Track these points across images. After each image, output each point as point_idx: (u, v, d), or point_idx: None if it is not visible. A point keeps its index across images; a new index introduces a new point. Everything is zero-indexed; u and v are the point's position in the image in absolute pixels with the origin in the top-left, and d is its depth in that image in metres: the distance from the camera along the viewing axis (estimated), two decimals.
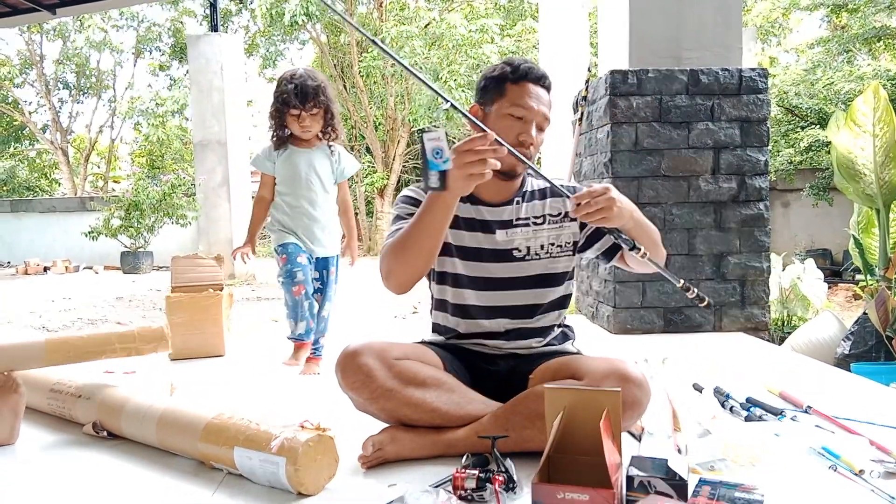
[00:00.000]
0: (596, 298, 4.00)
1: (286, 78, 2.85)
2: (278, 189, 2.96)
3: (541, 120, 1.83)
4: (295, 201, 2.91)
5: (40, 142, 18.29)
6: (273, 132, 2.92)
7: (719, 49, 3.68)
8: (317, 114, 2.85)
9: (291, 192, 2.91)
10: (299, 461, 1.55)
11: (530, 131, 1.80)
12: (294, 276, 2.83)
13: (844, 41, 8.96)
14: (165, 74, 18.59)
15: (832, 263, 8.07)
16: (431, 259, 1.73)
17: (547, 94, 1.86)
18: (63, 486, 1.71)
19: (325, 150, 2.97)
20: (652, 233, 1.83)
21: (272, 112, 2.90)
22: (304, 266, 2.86)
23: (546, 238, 1.90)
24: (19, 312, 6.40)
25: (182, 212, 10.31)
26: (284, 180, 2.93)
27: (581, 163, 4.23)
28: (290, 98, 2.79)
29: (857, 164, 3.87)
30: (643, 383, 1.65)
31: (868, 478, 1.56)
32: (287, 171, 2.92)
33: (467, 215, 1.90)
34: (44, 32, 17.09)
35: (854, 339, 3.45)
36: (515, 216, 1.90)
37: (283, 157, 2.93)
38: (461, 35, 11.31)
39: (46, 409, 2.24)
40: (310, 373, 2.90)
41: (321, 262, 2.98)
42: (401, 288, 1.75)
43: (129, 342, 2.23)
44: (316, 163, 2.93)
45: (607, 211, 1.61)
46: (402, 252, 1.70)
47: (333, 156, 2.98)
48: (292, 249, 2.86)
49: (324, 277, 3.00)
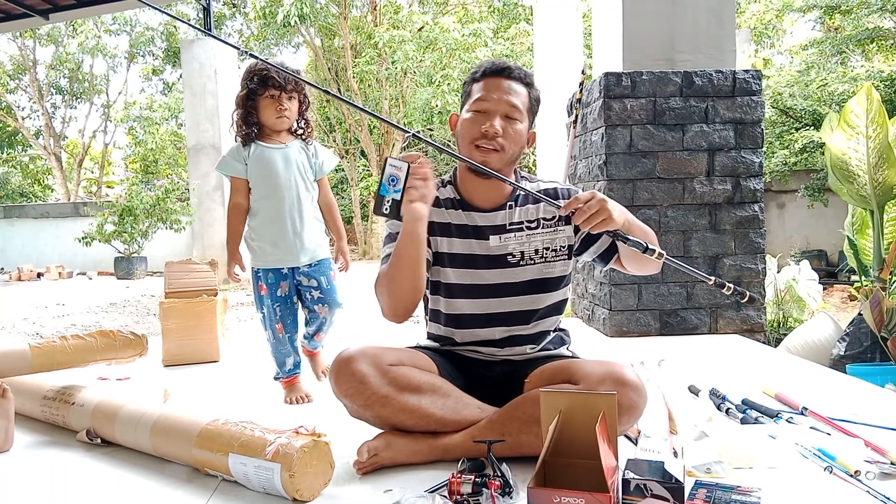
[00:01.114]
0: (592, 301, 4.00)
1: (255, 63, 2.52)
2: (253, 193, 2.56)
3: (507, 109, 1.80)
4: (276, 205, 2.52)
5: (33, 147, 18.24)
6: (240, 124, 2.54)
7: (713, 51, 3.69)
8: (294, 98, 2.52)
9: (270, 194, 2.52)
10: (294, 467, 1.54)
11: (493, 122, 1.78)
12: (274, 312, 2.55)
13: (838, 43, 9.00)
14: (159, 79, 18.60)
15: (827, 264, 8.09)
16: (417, 287, 1.74)
17: (518, 85, 1.83)
18: (57, 493, 1.70)
19: (300, 144, 2.59)
20: (648, 234, 1.81)
21: (241, 98, 2.52)
22: (283, 299, 2.56)
23: (540, 242, 1.88)
24: (13, 319, 6.37)
25: (176, 217, 10.30)
26: (260, 182, 2.53)
27: (576, 165, 4.23)
28: (270, 75, 2.45)
29: (851, 166, 3.88)
30: (640, 387, 1.65)
31: (864, 479, 1.56)
32: (261, 171, 2.52)
33: (459, 222, 1.89)
34: (37, 37, 17.04)
35: (849, 341, 3.46)
36: (509, 221, 1.88)
37: (254, 155, 2.52)
38: (455, 39, 11.32)
39: (40, 417, 2.22)
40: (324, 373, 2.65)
41: (315, 268, 2.58)
42: (398, 318, 1.77)
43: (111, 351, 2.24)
44: (294, 158, 2.54)
45: (604, 213, 1.59)
46: (388, 285, 1.74)
47: (309, 149, 2.61)
48: (272, 280, 2.54)
49: (323, 284, 2.59)
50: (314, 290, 2.58)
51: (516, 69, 1.85)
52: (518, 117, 1.82)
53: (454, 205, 1.90)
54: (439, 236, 1.89)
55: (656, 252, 1.65)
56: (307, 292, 2.59)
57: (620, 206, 1.71)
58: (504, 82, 1.82)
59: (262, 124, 2.54)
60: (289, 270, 2.57)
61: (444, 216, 1.90)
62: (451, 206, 1.90)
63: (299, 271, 2.57)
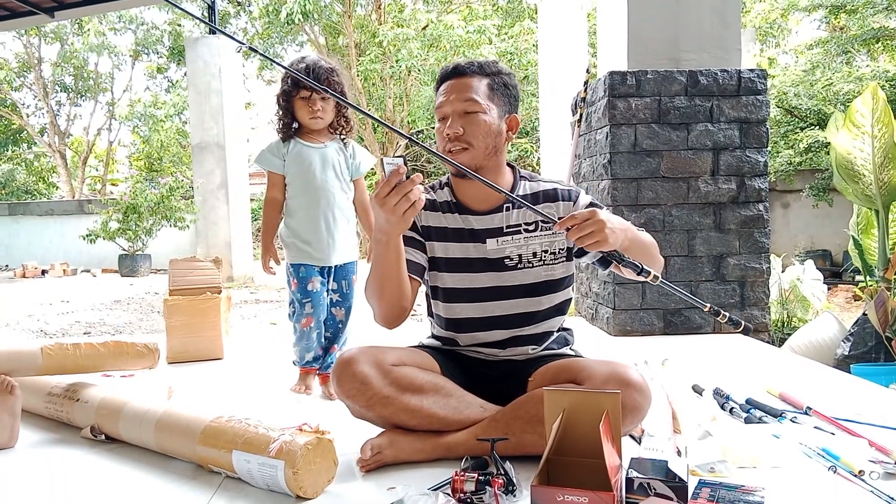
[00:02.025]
0: (595, 300, 4.00)
1: (296, 61, 2.57)
2: (289, 190, 2.60)
3: (462, 106, 1.77)
4: (311, 204, 2.55)
5: (38, 145, 18.29)
6: (279, 121, 2.58)
7: (718, 50, 3.68)
8: (329, 99, 2.52)
9: (305, 193, 2.56)
10: (298, 464, 1.54)
11: (454, 123, 1.76)
12: (303, 307, 2.55)
13: (843, 42, 8.97)
14: (164, 77, 18.61)
15: (832, 264, 8.07)
16: (402, 292, 1.73)
17: (471, 78, 1.80)
18: (61, 490, 1.70)
19: (338, 144, 2.62)
20: (649, 248, 1.79)
21: (279, 97, 2.55)
22: (314, 294, 2.56)
23: (539, 245, 1.86)
24: (17, 316, 6.39)
25: (180, 214, 10.32)
26: (296, 180, 2.57)
27: (580, 164, 4.23)
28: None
29: (856, 165, 3.87)
30: (644, 388, 1.64)
31: (868, 479, 1.56)
32: (298, 169, 2.55)
33: (455, 225, 1.87)
34: (42, 35, 17.09)
35: (854, 341, 3.45)
36: (506, 223, 1.86)
37: (293, 152, 2.56)
38: (459, 37, 11.30)
39: (44, 413, 2.23)
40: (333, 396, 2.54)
41: (340, 271, 2.62)
42: (390, 323, 1.78)
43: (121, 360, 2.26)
44: (332, 159, 2.57)
45: (599, 234, 1.55)
46: (375, 294, 1.74)
47: (347, 150, 2.64)
48: (304, 274, 2.55)
49: (343, 288, 2.63)
50: (334, 293, 2.64)
51: (468, 64, 1.82)
52: (477, 109, 1.77)
53: (450, 208, 1.89)
54: (435, 241, 1.88)
55: (651, 275, 1.63)
56: (328, 293, 2.63)
57: (623, 222, 1.66)
58: (457, 81, 1.80)
59: (301, 124, 2.58)
60: (321, 269, 2.60)
61: (440, 220, 1.88)
62: (447, 209, 1.89)
63: (328, 271, 2.61)
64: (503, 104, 1.83)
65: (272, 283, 8.50)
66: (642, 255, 1.73)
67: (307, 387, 2.59)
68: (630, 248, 1.68)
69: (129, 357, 2.27)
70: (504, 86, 1.84)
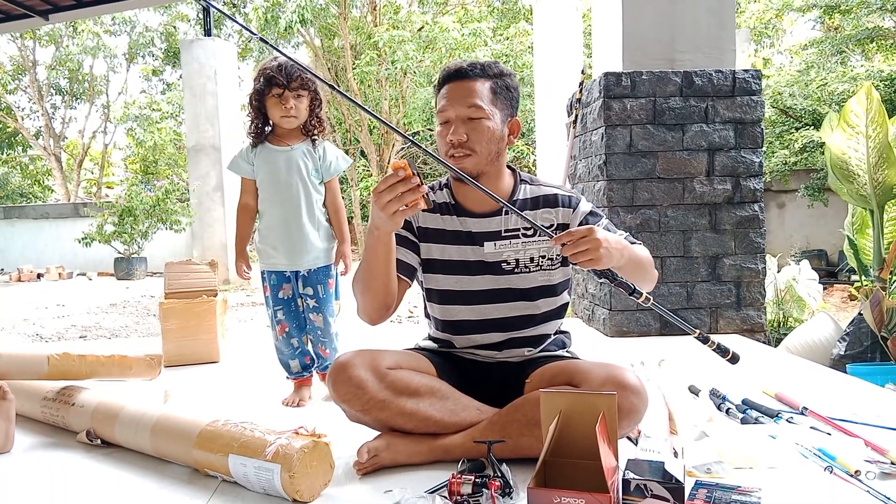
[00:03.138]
0: (592, 301, 4.00)
1: (268, 60, 2.50)
2: (260, 195, 2.57)
3: (464, 111, 1.76)
4: (277, 208, 2.52)
5: (33, 148, 18.26)
6: (250, 123, 2.52)
7: (713, 51, 3.69)
8: (302, 97, 2.47)
9: (272, 197, 2.52)
10: (294, 468, 1.54)
11: (458, 130, 1.75)
12: (276, 314, 2.56)
13: (837, 42, 9.00)
14: (159, 79, 18.61)
15: (827, 264, 8.09)
16: (389, 289, 1.73)
17: (475, 82, 1.78)
18: (57, 494, 1.70)
19: (306, 146, 2.54)
20: (644, 265, 1.78)
21: (251, 97, 2.49)
22: (285, 301, 2.55)
23: (536, 251, 1.85)
24: (13, 319, 6.37)
25: (176, 217, 10.30)
26: (264, 184, 2.53)
27: (576, 165, 4.23)
28: (273, 74, 2.42)
29: (851, 165, 3.88)
30: (641, 391, 1.64)
31: (864, 479, 1.56)
32: (266, 173, 2.52)
33: (453, 228, 1.87)
34: (37, 38, 17.05)
35: (849, 340, 3.46)
36: (504, 227, 1.85)
37: (260, 156, 2.52)
38: (454, 39, 11.30)
39: (40, 418, 2.22)
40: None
41: (312, 276, 2.55)
42: (373, 320, 1.78)
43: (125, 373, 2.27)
44: (298, 161, 2.51)
45: (593, 252, 1.53)
46: (361, 288, 1.74)
47: (317, 151, 2.55)
48: (274, 281, 2.54)
49: (319, 293, 2.56)
50: (309, 299, 2.57)
51: (471, 66, 1.79)
52: (481, 115, 1.76)
53: (448, 209, 1.88)
54: (432, 242, 1.87)
55: (643, 297, 1.63)
56: (303, 299, 2.58)
57: (620, 240, 1.65)
58: (461, 85, 1.78)
59: (275, 125, 2.53)
60: (291, 274, 2.56)
61: (437, 222, 1.88)
62: (445, 210, 1.88)
63: (300, 275, 2.56)
64: (505, 108, 1.82)
65: None
66: (636, 274, 1.73)
67: (301, 399, 2.53)
68: (625, 268, 1.68)
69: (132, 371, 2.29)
70: (506, 88, 1.82)
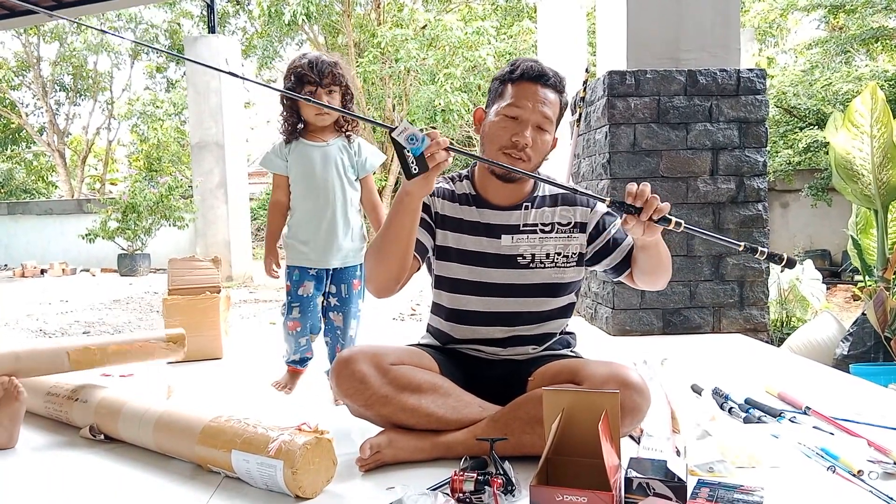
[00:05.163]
0: (595, 300, 4.00)
1: (297, 57, 2.47)
2: (292, 191, 2.53)
3: (539, 120, 1.76)
4: (311, 204, 2.48)
5: (37, 144, 18.26)
6: (284, 122, 2.50)
7: (717, 50, 3.68)
8: (334, 93, 2.44)
9: (307, 193, 2.49)
10: (297, 464, 1.54)
11: (524, 132, 1.75)
12: (292, 310, 2.52)
13: (842, 42, 8.97)
14: (162, 76, 18.59)
15: (831, 264, 8.07)
16: (405, 261, 1.72)
17: (553, 93, 1.79)
18: (60, 489, 1.70)
19: (342, 142, 2.51)
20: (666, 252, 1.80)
21: (282, 97, 2.48)
22: (305, 299, 2.51)
23: (553, 247, 1.86)
24: (17, 315, 6.38)
25: (179, 214, 10.30)
26: (298, 180, 2.50)
27: (579, 164, 4.23)
28: (305, 72, 2.39)
29: (855, 165, 3.87)
30: (643, 389, 1.64)
31: (867, 479, 1.56)
32: (300, 169, 2.48)
33: (472, 218, 1.88)
34: (41, 34, 17.07)
35: (853, 340, 3.45)
36: (523, 221, 1.86)
37: (294, 152, 2.49)
38: (458, 37, 11.29)
39: (43, 413, 2.23)
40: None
41: (340, 274, 2.52)
42: (379, 291, 1.76)
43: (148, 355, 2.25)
44: (334, 157, 2.48)
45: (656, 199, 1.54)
46: (376, 255, 1.71)
47: (352, 147, 2.52)
48: (297, 277, 2.51)
49: (342, 293, 2.53)
50: (332, 297, 2.55)
51: (553, 76, 1.80)
52: (548, 129, 1.79)
53: (469, 200, 1.89)
54: (449, 230, 1.88)
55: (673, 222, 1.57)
56: (327, 297, 2.56)
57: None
58: (540, 90, 1.77)
59: (307, 122, 2.50)
60: (317, 272, 2.52)
61: (456, 211, 1.89)
62: (465, 201, 1.89)
63: (327, 274, 2.53)
64: (557, 125, 1.85)
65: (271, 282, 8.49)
66: (660, 259, 1.76)
67: (289, 387, 2.54)
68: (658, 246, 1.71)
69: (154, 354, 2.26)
70: (564, 106, 1.86)
